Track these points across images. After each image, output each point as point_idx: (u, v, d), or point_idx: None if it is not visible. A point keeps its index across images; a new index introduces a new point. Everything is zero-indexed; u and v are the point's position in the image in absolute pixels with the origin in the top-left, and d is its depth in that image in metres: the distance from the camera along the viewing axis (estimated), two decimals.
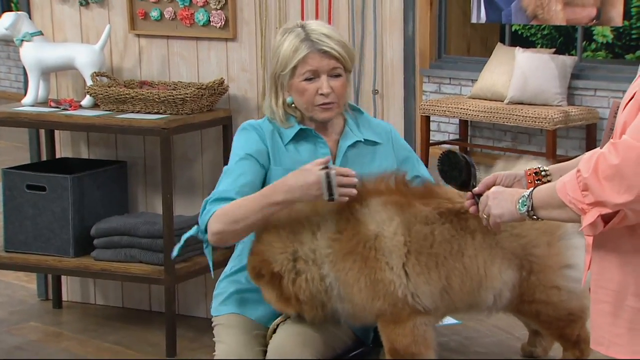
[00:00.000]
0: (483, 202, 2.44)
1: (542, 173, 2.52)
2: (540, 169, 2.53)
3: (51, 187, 4.27)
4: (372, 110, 4.15)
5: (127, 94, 4.18)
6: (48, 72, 4.48)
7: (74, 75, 4.56)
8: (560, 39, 9.64)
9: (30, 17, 4.59)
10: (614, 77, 7.81)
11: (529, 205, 2.26)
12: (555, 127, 7.38)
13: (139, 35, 4.49)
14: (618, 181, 2.00)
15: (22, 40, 4.41)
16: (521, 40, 9.38)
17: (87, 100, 4.37)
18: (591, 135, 7.74)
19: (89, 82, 4.31)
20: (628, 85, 2.27)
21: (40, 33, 4.46)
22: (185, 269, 4.16)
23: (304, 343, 2.92)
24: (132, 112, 4.19)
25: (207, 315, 3.23)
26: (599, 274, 2.20)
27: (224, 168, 3.03)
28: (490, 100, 7.99)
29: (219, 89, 4.23)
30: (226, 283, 3.14)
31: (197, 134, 4.42)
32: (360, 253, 2.83)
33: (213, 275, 3.14)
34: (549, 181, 2.48)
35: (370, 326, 3.12)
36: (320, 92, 2.96)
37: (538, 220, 2.31)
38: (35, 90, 4.44)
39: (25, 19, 4.46)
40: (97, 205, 4.38)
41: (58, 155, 4.68)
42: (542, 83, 7.70)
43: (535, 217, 2.28)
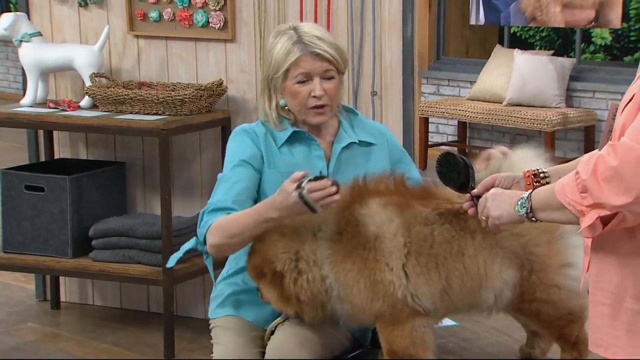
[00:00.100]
0: (482, 204, 2.44)
1: (541, 175, 2.52)
2: (538, 170, 2.53)
3: (49, 188, 4.27)
4: (370, 112, 4.15)
5: (125, 94, 4.18)
6: (47, 73, 4.48)
7: (73, 76, 4.56)
8: (559, 41, 9.65)
9: (29, 18, 4.58)
10: (613, 79, 7.80)
11: (528, 207, 2.26)
12: (554, 129, 7.38)
13: (137, 36, 4.49)
14: (617, 183, 2.00)
15: (21, 41, 4.41)
16: (520, 42, 9.39)
17: (85, 101, 4.37)
18: (589, 137, 7.74)
19: (88, 83, 4.31)
20: (626, 88, 2.27)
21: (39, 34, 4.46)
22: (184, 270, 4.16)
23: (302, 344, 2.91)
24: (131, 113, 4.19)
25: (205, 316, 3.23)
26: (598, 276, 2.20)
27: (219, 175, 3.02)
28: (489, 102, 7.98)
29: (217, 90, 4.23)
30: (223, 285, 3.13)
31: (195, 135, 4.41)
32: (360, 254, 2.83)
33: (215, 283, 3.13)
34: (547, 183, 2.48)
35: (368, 327, 3.12)
36: (313, 94, 2.96)
37: (537, 222, 2.31)
38: (34, 90, 4.43)
39: (24, 20, 4.46)
40: (96, 206, 4.38)
41: (56, 156, 4.68)
42: (541, 85, 7.70)
43: (534, 219, 2.28)
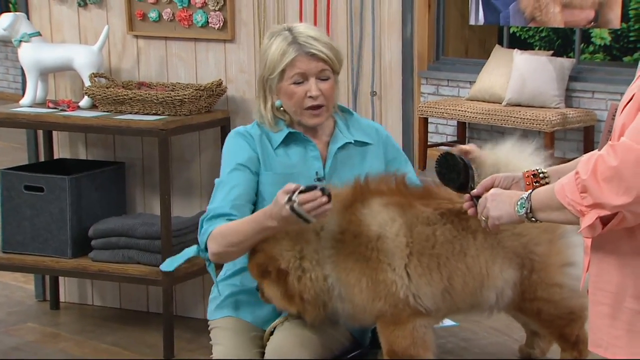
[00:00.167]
0: (482, 204, 2.44)
1: (540, 175, 2.52)
2: (538, 170, 2.53)
3: (49, 188, 4.27)
4: (370, 112, 4.15)
5: (125, 95, 4.18)
6: (46, 73, 4.48)
7: (72, 76, 4.56)
8: (558, 41, 9.65)
9: (29, 18, 4.58)
10: (612, 79, 7.80)
11: (528, 208, 2.26)
12: (553, 129, 7.38)
13: (137, 37, 4.49)
14: (617, 183, 2.00)
15: (20, 41, 4.41)
16: (519, 42, 9.39)
17: (85, 101, 4.37)
18: (589, 138, 7.74)
19: (87, 83, 4.31)
20: (626, 88, 2.27)
21: (39, 34, 4.46)
22: (183, 270, 4.15)
23: (302, 344, 2.91)
24: (130, 113, 4.19)
25: (205, 316, 3.23)
26: (598, 276, 2.20)
27: (216, 181, 3.02)
28: (488, 102, 7.98)
29: (217, 90, 4.22)
30: (221, 287, 3.13)
31: (195, 135, 4.41)
32: (362, 253, 2.83)
33: (219, 289, 3.12)
34: (547, 183, 2.48)
35: (368, 327, 3.12)
36: (309, 94, 2.95)
37: (537, 222, 2.31)
38: (33, 91, 4.43)
39: (23, 20, 4.46)
40: (95, 206, 4.37)
41: (56, 156, 4.68)
42: (540, 85, 7.70)
43: (533, 219, 2.28)
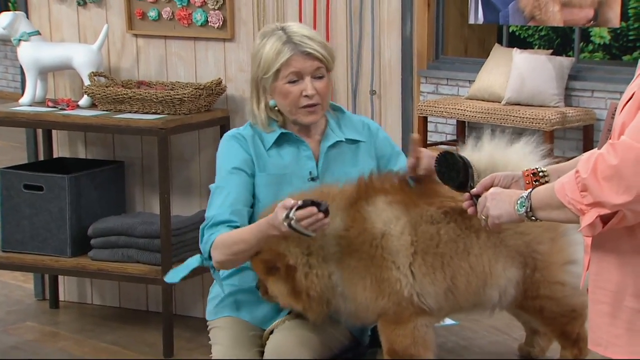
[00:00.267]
0: (481, 203, 2.44)
1: (540, 174, 2.51)
2: (538, 169, 2.53)
3: (48, 187, 4.27)
4: (369, 111, 4.15)
5: (124, 94, 4.17)
6: (45, 72, 4.48)
7: (72, 75, 4.56)
8: (558, 40, 9.65)
9: (28, 17, 4.58)
10: (611, 78, 7.80)
11: (528, 206, 2.26)
12: (553, 128, 7.38)
13: (136, 35, 4.49)
14: (617, 182, 2.00)
15: (20, 40, 4.41)
16: (518, 41, 9.39)
17: (84, 100, 4.37)
18: (588, 137, 7.74)
19: (87, 82, 4.31)
20: (625, 87, 2.27)
21: (38, 33, 4.45)
22: None
23: (302, 343, 2.91)
24: (130, 112, 4.19)
25: (204, 315, 3.23)
26: (598, 275, 2.20)
27: (211, 186, 3.01)
28: (488, 101, 7.98)
29: (216, 89, 4.22)
30: (219, 287, 3.13)
31: (194, 134, 4.41)
32: (366, 251, 2.83)
33: (224, 291, 3.11)
34: (546, 182, 2.48)
35: (368, 326, 3.12)
36: (304, 93, 2.95)
37: (537, 221, 2.31)
38: (32, 90, 4.43)
39: (22, 19, 4.45)
40: (95, 205, 4.37)
41: (55, 155, 4.68)
42: (540, 84, 7.70)
43: (533, 218, 2.27)
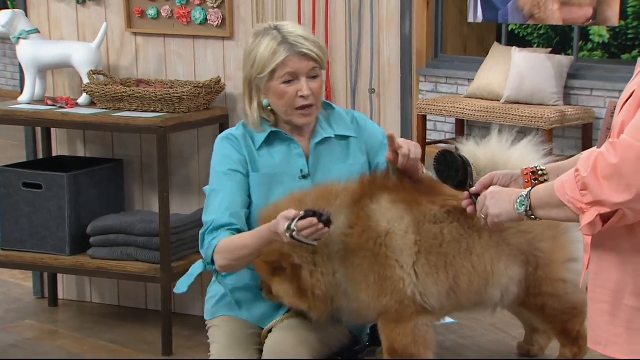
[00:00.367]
0: (481, 202, 2.44)
1: (539, 172, 2.51)
2: (537, 168, 2.53)
3: (47, 185, 4.26)
4: (368, 109, 4.15)
5: (123, 92, 4.17)
6: (44, 70, 4.48)
7: (71, 73, 4.56)
8: (557, 39, 9.64)
9: (27, 15, 4.57)
10: (610, 77, 7.81)
11: (527, 205, 2.26)
12: (552, 127, 7.38)
13: (135, 34, 4.48)
14: (617, 180, 2.00)
15: (19, 38, 4.41)
16: (518, 39, 9.38)
17: (83, 99, 4.37)
18: (587, 135, 7.74)
19: (86, 80, 4.31)
20: (624, 85, 2.27)
21: (37, 31, 4.45)
22: (182, 267, 4.14)
23: (300, 342, 2.91)
24: (129, 110, 4.18)
25: (203, 314, 3.23)
26: (598, 273, 2.20)
27: (206, 189, 3.00)
28: (487, 99, 7.98)
29: (215, 87, 4.22)
30: (218, 286, 3.13)
31: (193, 133, 4.41)
32: (370, 249, 2.83)
33: (229, 292, 3.10)
34: (546, 180, 2.48)
35: (368, 324, 3.12)
36: (300, 94, 2.95)
37: (536, 220, 2.31)
38: (31, 88, 4.43)
39: (21, 17, 4.45)
40: (94, 203, 4.37)
41: (54, 153, 4.67)
42: (539, 83, 7.70)
43: (533, 216, 2.27)
